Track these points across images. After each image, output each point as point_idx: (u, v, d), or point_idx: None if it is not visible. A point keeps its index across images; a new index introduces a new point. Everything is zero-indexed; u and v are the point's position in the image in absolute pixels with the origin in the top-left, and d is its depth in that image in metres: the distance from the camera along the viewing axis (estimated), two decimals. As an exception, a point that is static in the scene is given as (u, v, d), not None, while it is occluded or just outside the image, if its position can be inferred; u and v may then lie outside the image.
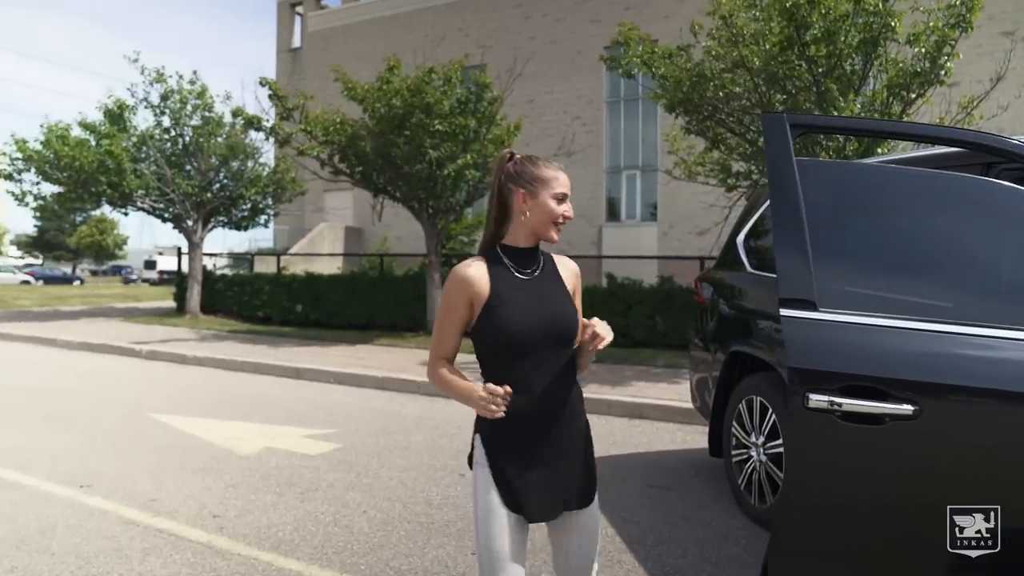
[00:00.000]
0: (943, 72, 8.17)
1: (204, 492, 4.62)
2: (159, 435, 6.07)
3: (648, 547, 3.77)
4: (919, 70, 8.01)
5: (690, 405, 6.80)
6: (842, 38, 7.81)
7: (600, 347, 1.93)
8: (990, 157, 2.99)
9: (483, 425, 2.01)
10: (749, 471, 4.28)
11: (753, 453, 4.26)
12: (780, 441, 3.99)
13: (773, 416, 4.08)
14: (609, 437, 6.18)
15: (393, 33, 27.61)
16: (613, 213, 24.60)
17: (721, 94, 8.53)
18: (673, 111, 9.25)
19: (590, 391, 7.53)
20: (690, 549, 3.75)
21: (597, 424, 6.60)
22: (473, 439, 2.06)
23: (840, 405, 1.92)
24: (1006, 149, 2.10)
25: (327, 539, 3.86)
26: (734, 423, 4.46)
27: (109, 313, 18.85)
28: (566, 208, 2.02)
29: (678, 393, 7.42)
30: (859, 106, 8.10)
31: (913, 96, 8.24)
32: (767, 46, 8.21)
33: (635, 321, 11.33)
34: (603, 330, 1.94)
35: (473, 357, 2.04)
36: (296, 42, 34.26)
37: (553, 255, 2.15)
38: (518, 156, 2.07)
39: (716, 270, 5.18)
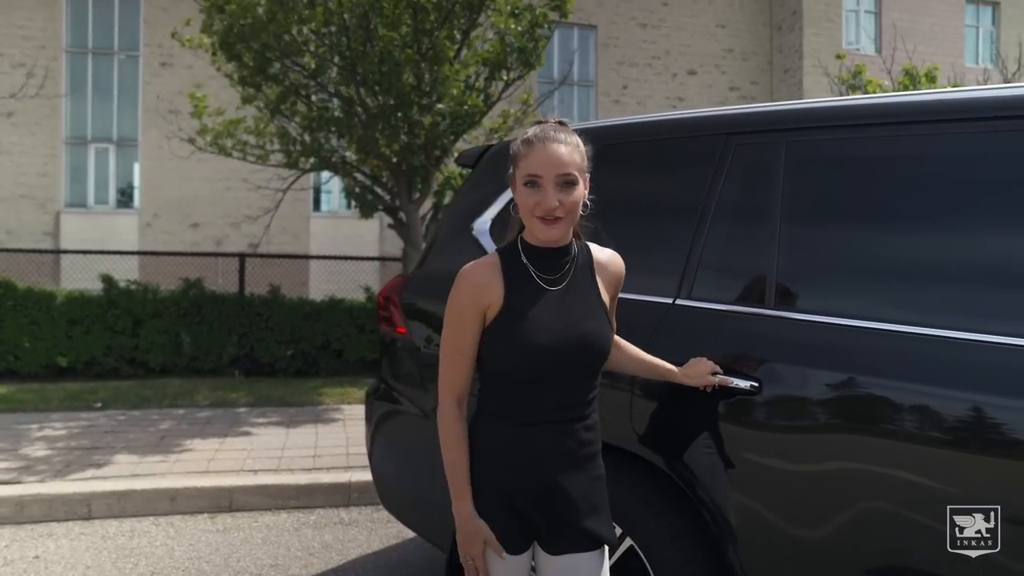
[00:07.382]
0: (535, 58, 7.46)
1: None
2: None
3: None
4: (521, 47, 7.11)
5: (310, 478, 4.60)
6: None
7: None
8: None
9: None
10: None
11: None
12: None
13: None
14: (192, 563, 3.55)
15: None
16: (77, 196, 19.35)
17: (306, 30, 6.28)
18: (229, 54, 6.64)
19: (108, 477, 4.61)
20: None
21: (156, 534, 3.85)
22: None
23: None
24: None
25: None
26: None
27: None
28: (538, 198, 1.48)
29: (272, 454, 5.02)
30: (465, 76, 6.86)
31: (513, 76, 7.36)
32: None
33: (149, 341, 8.24)
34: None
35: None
36: None
37: (594, 249, 1.67)
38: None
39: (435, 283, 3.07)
